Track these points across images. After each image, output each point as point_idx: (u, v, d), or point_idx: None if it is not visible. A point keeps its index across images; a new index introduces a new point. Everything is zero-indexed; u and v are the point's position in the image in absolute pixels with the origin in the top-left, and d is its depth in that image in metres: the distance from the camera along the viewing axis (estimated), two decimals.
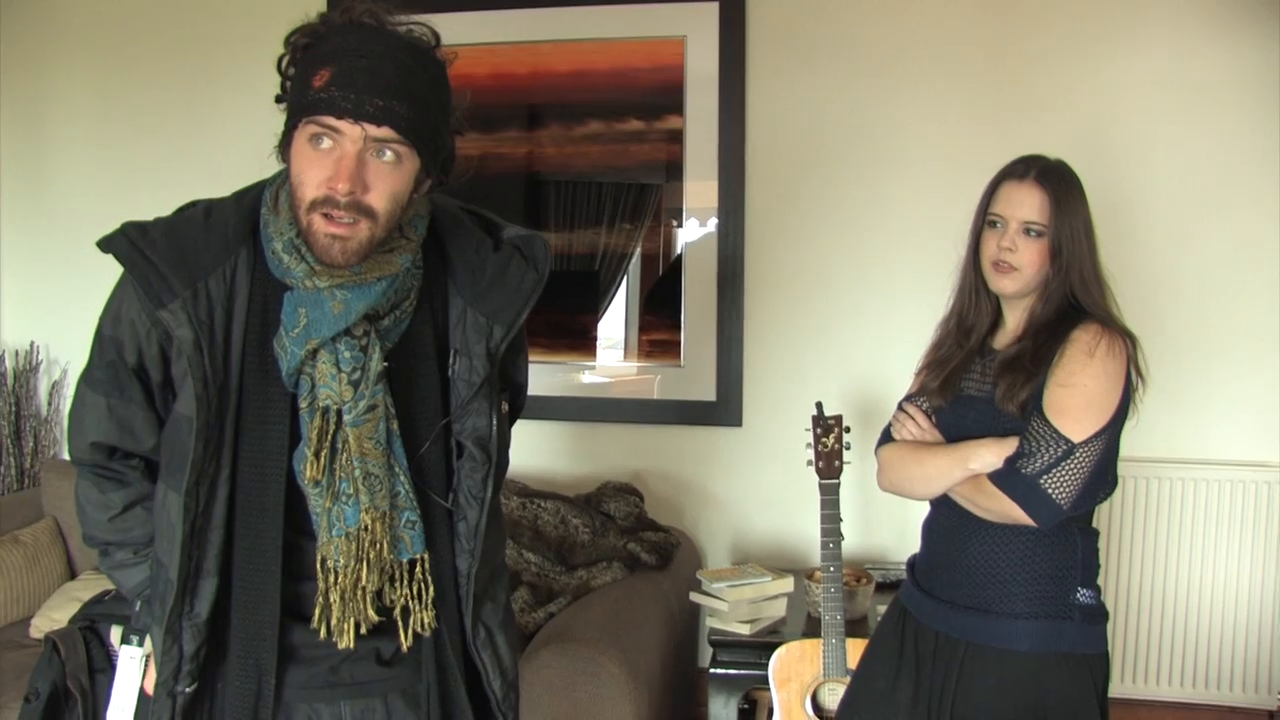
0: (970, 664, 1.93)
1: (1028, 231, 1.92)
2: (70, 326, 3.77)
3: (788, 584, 2.96)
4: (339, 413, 1.44)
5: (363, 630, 1.49)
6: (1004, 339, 2.01)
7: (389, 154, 1.36)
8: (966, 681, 1.93)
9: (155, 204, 1.63)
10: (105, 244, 1.44)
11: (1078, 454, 1.84)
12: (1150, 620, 3.23)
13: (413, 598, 1.52)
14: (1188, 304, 3.21)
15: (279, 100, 1.42)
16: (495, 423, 1.56)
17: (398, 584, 1.51)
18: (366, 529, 1.45)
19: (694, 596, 2.99)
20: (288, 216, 1.43)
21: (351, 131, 1.33)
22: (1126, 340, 1.90)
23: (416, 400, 1.52)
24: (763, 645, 2.80)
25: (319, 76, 1.33)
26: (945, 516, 2.02)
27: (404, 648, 1.53)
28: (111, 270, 1.46)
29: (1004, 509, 1.88)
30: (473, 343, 1.53)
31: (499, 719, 1.65)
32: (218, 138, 3.68)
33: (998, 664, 1.92)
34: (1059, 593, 1.92)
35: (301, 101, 1.36)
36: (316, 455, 1.44)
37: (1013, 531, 1.91)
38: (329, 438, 1.44)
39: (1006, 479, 1.87)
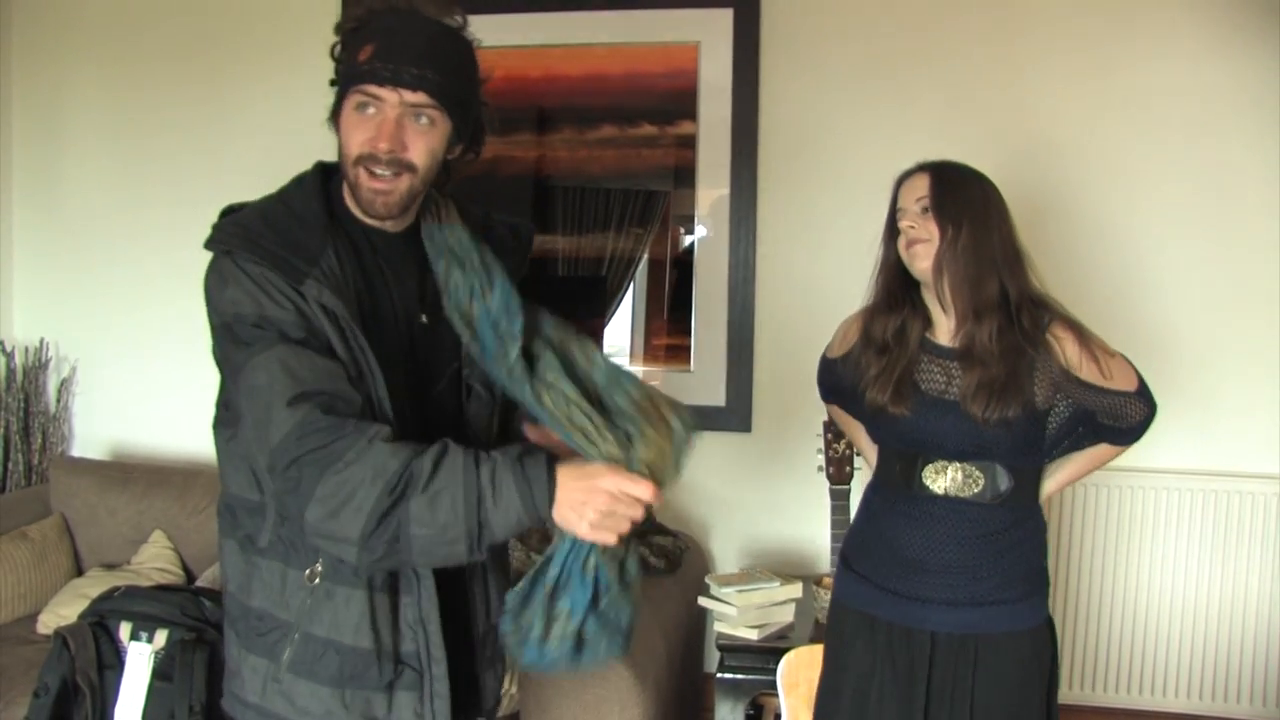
0: (986, 656, 1.98)
1: (925, 210, 2.00)
2: (80, 323, 3.77)
3: (796, 589, 2.96)
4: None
5: None
6: (947, 333, 2.04)
7: (424, 119, 1.51)
8: (985, 672, 1.98)
9: (168, 199, 1.64)
10: (217, 243, 1.50)
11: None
12: (1158, 630, 3.24)
13: None
14: (1197, 313, 3.20)
15: (333, 83, 1.56)
16: None
17: None
18: None
19: (702, 601, 2.99)
20: None
21: (391, 98, 1.49)
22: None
23: (437, 346, 1.65)
24: (770, 650, 2.80)
25: (364, 52, 1.49)
26: (921, 522, 2.02)
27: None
28: (122, 266, 1.46)
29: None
30: None
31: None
32: (231, 132, 3.70)
33: (1012, 648, 1.99)
34: (1039, 565, 2.04)
35: (349, 74, 1.52)
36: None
37: (999, 523, 1.98)
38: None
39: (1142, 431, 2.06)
